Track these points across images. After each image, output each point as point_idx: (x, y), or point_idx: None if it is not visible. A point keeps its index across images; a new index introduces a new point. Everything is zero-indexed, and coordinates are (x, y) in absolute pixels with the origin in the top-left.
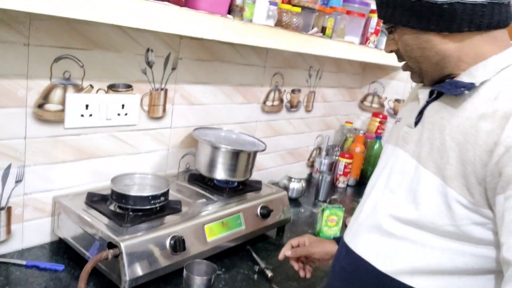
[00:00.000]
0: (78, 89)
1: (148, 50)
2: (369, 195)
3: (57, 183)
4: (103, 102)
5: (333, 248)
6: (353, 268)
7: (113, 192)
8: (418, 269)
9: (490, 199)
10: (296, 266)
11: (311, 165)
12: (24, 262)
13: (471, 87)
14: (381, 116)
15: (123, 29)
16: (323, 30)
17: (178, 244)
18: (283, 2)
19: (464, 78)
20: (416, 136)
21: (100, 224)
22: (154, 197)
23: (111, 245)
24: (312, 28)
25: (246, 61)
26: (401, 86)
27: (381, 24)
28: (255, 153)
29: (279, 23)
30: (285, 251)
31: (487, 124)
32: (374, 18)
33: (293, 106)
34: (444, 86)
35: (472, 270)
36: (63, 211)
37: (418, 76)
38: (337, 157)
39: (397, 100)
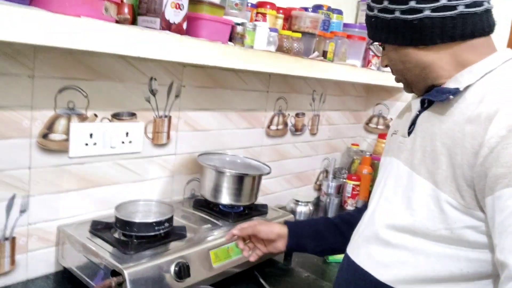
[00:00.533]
0: (82, 118)
1: (151, 79)
2: (368, 208)
3: (61, 212)
4: (107, 131)
5: (280, 229)
6: (354, 279)
7: (117, 219)
8: (415, 277)
9: (480, 201)
10: (240, 244)
11: (319, 188)
12: None
13: (455, 91)
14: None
15: (126, 59)
16: (324, 54)
17: (183, 270)
18: (283, 29)
19: (450, 84)
20: (410, 144)
21: (104, 252)
22: (158, 223)
23: (115, 273)
24: (313, 52)
25: (249, 87)
26: None
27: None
28: (260, 176)
29: (280, 49)
30: (233, 231)
31: (472, 127)
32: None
33: (297, 130)
34: (431, 93)
35: (467, 275)
36: (67, 240)
37: (407, 87)
38: (344, 180)
39: None
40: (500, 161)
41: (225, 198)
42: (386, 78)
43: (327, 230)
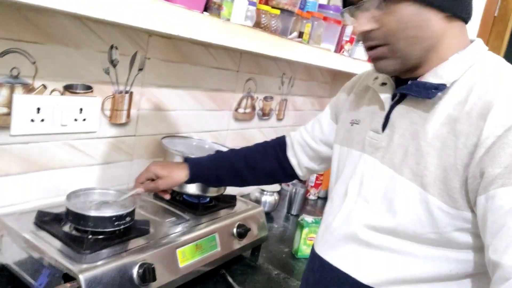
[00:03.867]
0: (29, 89)
1: (112, 47)
2: (341, 204)
3: (0, 199)
4: (57, 105)
5: (180, 176)
6: (331, 281)
7: (68, 211)
8: (402, 278)
9: (471, 201)
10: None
11: None
12: None
13: (442, 88)
14: None
15: (83, 21)
16: (300, 35)
17: (148, 273)
18: (260, 3)
19: (430, 79)
20: (385, 141)
21: (52, 250)
22: (119, 217)
23: (68, 277)
24: (291, 33)
25: (219, 65)
26: None
27: None
28: None
29: (257, 25)
30: (136, 190)
31: (463, 126)
32: (350, 26)
33: (265, 114)
34: (410, 88)
35: (456, 275)
36: (6, 233)
37: (398, 62)
38: None
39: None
40: (497, 161)
41: (191, 188)
42: (358, 66)
43: (228, 174)
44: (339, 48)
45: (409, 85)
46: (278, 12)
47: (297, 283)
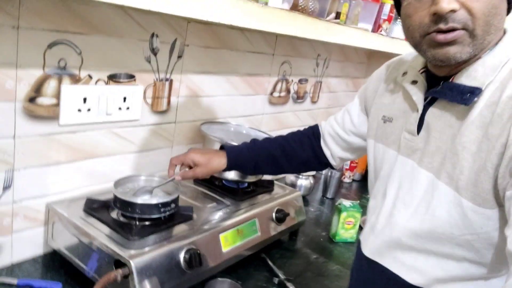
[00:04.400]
0: (75, 80)
1: (153, 35)
2: (382, 206)
3: (50, 188)
4: (102, 95)
5: (219, 164)
6: (382, 281)
7: (116, 198)
8: (449, 278)
9: (502, 198)
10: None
11: None
12: (15, 281)
13: (478, 93)
14: None
15: (125, 10)
16: (337, 15)
17: (194, 258)
18: None
19: (463, 80)
20: (422, 144)
21: (102, 236)
22: (164, 204)
23: (119, 263)
24: (328, 13)
25: (255, 49)
26: None
27: None
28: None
29: (294, 7)
30: (173, 178)
31: (495, 129)
32: (388, 4)
33: (299, 97)
34: (445, 92)
35: (501, 273)
36: (58, 219)
37: (472, 49)
38: None
39: None
40: None
41: (231, 173)
42: (395, 44)
43: (266, 162)
44: (376, 27)
45: (442, 87)
46: None
47: (336, 267)
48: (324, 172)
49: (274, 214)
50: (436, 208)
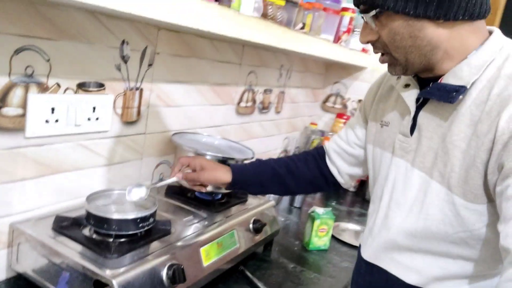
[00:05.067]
0: (43, 88)
1: (123, 42)
2: (379, 209)
3: (15, 206)
4: (71, 105)
5: (224, 176)
6: (381, 283)
7: (89, 214)
8: (446, 276)
9: (492, 194)
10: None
11: None
12: None
13: (463, 90)
14: (345, 117)
15: (95, 16)
16: (302, 26)
17: (178, 274)
18: None
19: (450, 80)
20: (415, 145)
21: (76, 255)
22: (143, 219)
23: (99, 284)
24: (294, 24)
25: (223, 58)
26: (364, 86)
27: (361, 10)
28: (243, 161)
29: (264, 17)
30: (174, 178)
31: (484, 126)
32: (347, 16)
33: (265, 108)
34: (433, 92)
35: (497, 271)
36: (24, 240)
37: (402, 68)
38: None
39: (360, 101)
40: None
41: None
42: (356, 56)
43: (271, 181)
44: (336, 39)
45: (431, 88)
46: (283, 3)
47: (314, 275)
48: None
49: (251, 225)
50: (430, 207)
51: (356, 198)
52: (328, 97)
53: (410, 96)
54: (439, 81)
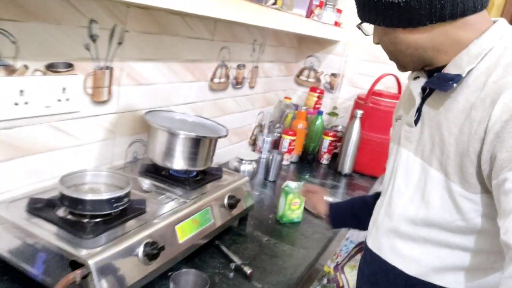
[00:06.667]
0: (10, 71)
1: (91, 21)
2: (383, 198)
3: None
4: (40, 86)
5: (322, 210)
6: (382, 273)
7: (63, 196)
8: (445, 267)
9: (489, 186)
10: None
11: (253, 143)
12: None
13: (458, 79)
14: (318, 91)
15: None
16: (275, 1)
17: (154, 251)
18: None
19: (450, 69)
20: (417, 134)
21: (51, 237)
22: (117, 199)
23: (75, 264)
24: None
25: (195, 34)
26: (337, 60)
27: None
28: (217, 139)
29: None
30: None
31: (477, 113)
32: None
33: (238, 83)
34: (433, 81)
35: (495, 263)
36: None
37: (401, 67)
38: (278, 134)
39: (333, 75)
40: (505, 146)
41: (179, 163)
42: (328, 30)
43: (366, 216)
44: (309, 13)
45: (433, 78)
46: None
47: (288, 247)
48: (265, 155)
49: (226, 201)
50: (430, 195)
51: (329, 171)
52: (301, 70)
53: (417, 87)
54: (442, 71)
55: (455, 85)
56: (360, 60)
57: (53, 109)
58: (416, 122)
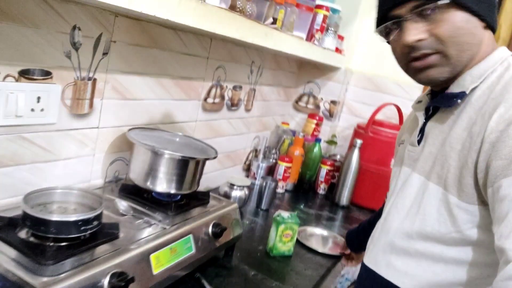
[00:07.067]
0: None
1: (74, 27)
2: (381, 218)
3: None
4: (12, 94)
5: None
6: None
7: (26, 215)
8: (439, 282)
9: (484, 195)
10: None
11: (247, 169)
12: None
13: (462, 95)
14: (317, 118)
15: None
16: (274, 21)
17: (121, 282)
18: None
19: (454, 89)
20: (420, 153)
21: (7, 261)
22: (85, 221)
23: None
24: (265, 19)
25: (188, 51)
26: (337, 87)
27: (424, 3)
28: (205, 160)
29: (232, 9)
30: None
31: (477, 127)
32: (320, 14)
33: (234, 105)
34: (438, 100)
35: (488, 278)
36: None
37: (451, 68)
38: (274, 160)
39: (333, 102)
40: (500, 154)
41: (162, 185)
42: (327, 55)
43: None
44: (309, 37)
45: (438, 97)
46: None
47: (276, 283)
48: (258, 182)
49: (210, 229)
50: (426, 207)
51: (326, 202)
52: (300, 96)
53: (421, 109)
54: (445, 92)
55: (459, 101)
56: (361, 89)
57: (25, 119)
58: (419, 142)
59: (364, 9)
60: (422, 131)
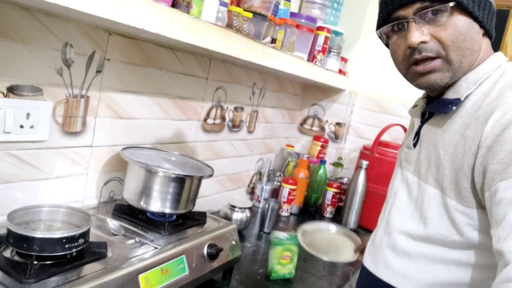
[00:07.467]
0: None
1: (66, 44)
2: (382, 221)
3: None
4: (0, 109)
5: None
6: None
7: (10, 232)
8: (438, 284)
9: (482, 199)
10: None
11: (251, 192)
12: None
13: (457, 102)
14: (322, 140)
15: (33, 14)
16: (272, 41)
17: None
18: (232, 5)
19: (449, 95)
20: (416, 155)
21: None
22: (70, 239)
23: None
24: (263, 38)
25: (186, 71)
26: (342, 109)
27: (430, 5)
28: (200, 179)
29: (229, 28)
30: None
31: (471, 131)
32: (322, 35)
33: (235, 126)
34: (434, 106)
35: (488, 279)
36: None
37: (452, 73)
38: (279, 183)
39: (338, 124)
40: (496, 158)
41: (156, 205)
42: (330, 76)
43: None
44: (311, 58)
45: (434, 103)
46: (250, 15)
47: None
48: (261, 205)
49: (205, 250)
50: (428, 211)
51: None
52: (305, 119)
53: (416, 113)
54: (441, 97)
55: (454, 108)
56: (366, 110)
57: (14, 135)
58: (415, 145)
59: (367, 31)
60: (417, 134)
